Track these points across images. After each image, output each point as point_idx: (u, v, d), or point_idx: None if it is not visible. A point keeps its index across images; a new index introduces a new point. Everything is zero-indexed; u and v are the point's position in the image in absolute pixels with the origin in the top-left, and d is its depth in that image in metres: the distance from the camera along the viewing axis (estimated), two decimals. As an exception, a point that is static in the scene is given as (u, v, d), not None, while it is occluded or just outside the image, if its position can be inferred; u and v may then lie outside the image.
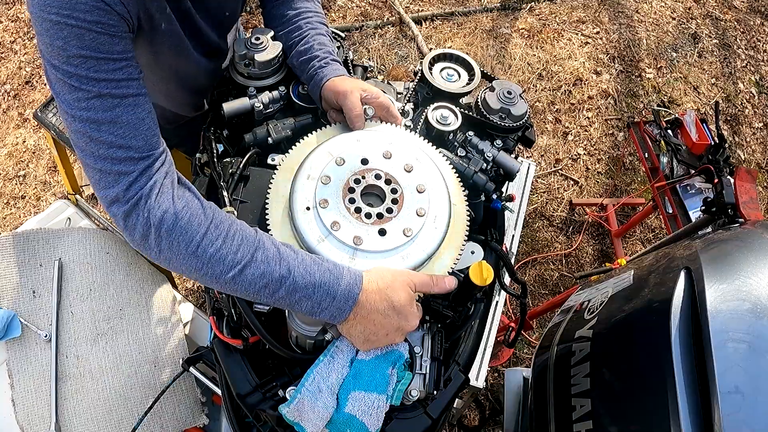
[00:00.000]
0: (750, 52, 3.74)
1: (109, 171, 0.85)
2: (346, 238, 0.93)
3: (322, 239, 0.93)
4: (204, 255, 0.85)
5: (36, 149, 3.22)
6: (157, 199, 0.85)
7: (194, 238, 0.85)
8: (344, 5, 3.83)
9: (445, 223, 0.99)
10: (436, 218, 0.98)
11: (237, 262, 0.85)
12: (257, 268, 0.86)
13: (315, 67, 1.17)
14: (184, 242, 0.85)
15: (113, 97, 0.85)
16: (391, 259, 0.94)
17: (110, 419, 1.35)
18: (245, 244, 0.87)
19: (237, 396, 0.99)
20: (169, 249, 0.85)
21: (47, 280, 1.45)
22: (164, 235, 0.84)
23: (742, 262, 0.97)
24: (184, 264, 0.86)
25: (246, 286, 0.86)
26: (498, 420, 2.31)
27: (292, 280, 0.86)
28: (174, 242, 0.85)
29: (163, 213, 0.84)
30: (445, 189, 1.02)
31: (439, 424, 0.99)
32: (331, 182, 0.98)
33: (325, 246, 0.93)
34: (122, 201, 0.85)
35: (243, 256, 0.86)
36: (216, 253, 0.85)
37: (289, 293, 0.86)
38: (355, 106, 1.07)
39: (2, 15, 3.85)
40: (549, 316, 2.59)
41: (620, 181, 3.14)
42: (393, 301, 0.88)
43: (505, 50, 3.59)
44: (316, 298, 0.86)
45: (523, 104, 1.23)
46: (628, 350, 0.99)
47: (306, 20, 1.26)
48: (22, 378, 1.36)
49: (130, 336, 1.42)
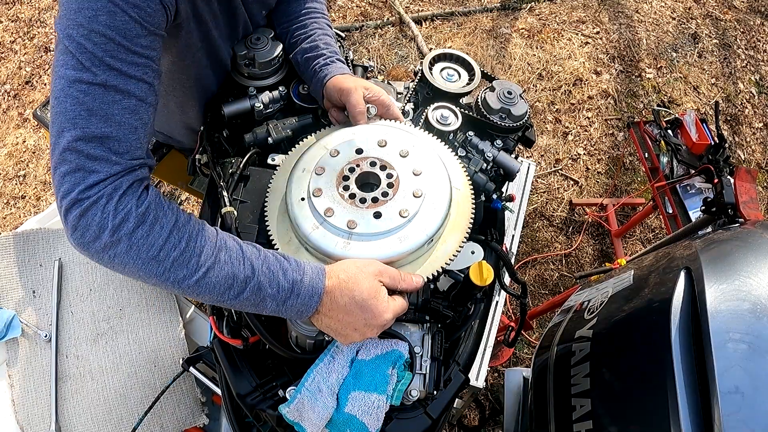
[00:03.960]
0: (750, 52, 3.74)
1: (79, 166, 0.79)
2: (340, 223, 0.92)
3: (317, 227, 0.92)
4: (167, 259, 0.80)
5: (36, 149, 3.22)
6: (120, 200, 0.80)
7: (156, 241, 0.80)
8: (344, 5, 3.83)
9: (445, 203, 0.96)
10: (436, 199, 0.96)
11: (201, 264, 0.81)
12: (221, 270, 0.82)
13: (320, 65, 1.18)
14: (146, 246, 0.79)
15: (117, 92, 0.81)
16: (388, 241, 0.92)
17: (110, 419, 1.35)
18: (208, 246, 0.83)
19: (237, 396, 0.99)
20: (126, 252, 0.79)
21: (47, 280, 1.45)
22: (123, 238, 0.79)
23: (742, 262, 0.97)
24: (143, 269, 0.80)
25: (210, 289, 0.82)
26: (498, 420, 2.31)
27: (257, 280, 0.83)
28: (134, 246, 0.79)
29: (125, 215, 0.79)
30: (444, 171, 1.00)
31: (439, 424, 0.99)
32: (325, 173, 0.98)
33: (319, 233, 0.92)
34: (82, 200, 0.78)
35: (207, 258, 0.82)
36: (180, 257, 0.81)
37: (254, 293, 0.83)
38: (358, 103, 1.07)
39: (2, 15, 3.85)
40: (549, 316, 2.58)
41: (620, 181, 3.14)
42: (355, 295, 0.85)
43: (505, 50, 3.59)
44: (281, 297, 0.84)
45: (523, 104, 1.23)
46: (628, 350, 0.98)
47: (313, 19, 1.27)
48: (22, 378, 1.36)
49: (130, 336, 1.42)
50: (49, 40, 3.68)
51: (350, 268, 0.87)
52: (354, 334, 0.87)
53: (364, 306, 0.85)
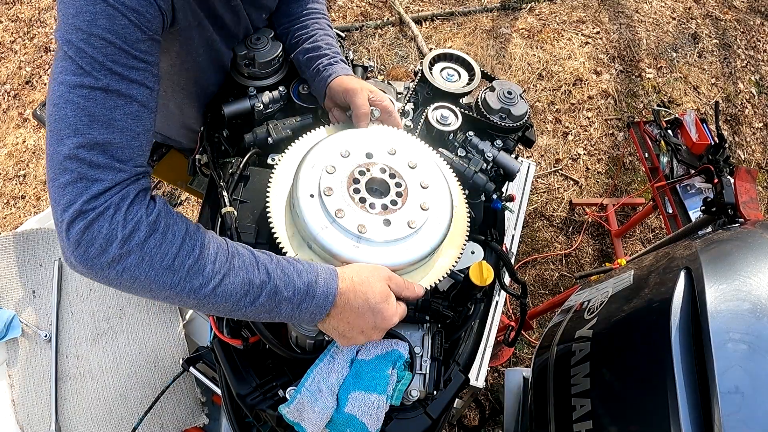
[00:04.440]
0: (750, 52, 3.74)
1: (82, 175, 0.75)
2: (351, 225, 0.92)
3: (326, 226, 0.92)
4: (182, 268, 0.77)
5: (36, 149, 3.22)
6: (129, 209, 0.76)
7: (170, 250, 0.76)
8: (344, 5, 3.83)
9: (447, 219, 0.99)
10: (440, 214, 0.98)
11: (216, 272, 0.78)
12: (237, 276, 0.79)
13: (323, 64, 1.18)
14: (159, 255, 0.76)
15: (119, 96, 0.79)
16: (395, 250, 0.93)
17: (110, 419, 1.35)
18: (221, 252, 0.80)
19: (237, 396, 0.99)
20: (137, 265, 0.75)
21: (47, 280, 1.45)
22: (135, 249, 0.74)
23: (742, 262, 0.97)
24: (156, 280, 0.76)
25: (227, 297, 0.79)
26: (498, 420, 2.31)
27: (273, 284, 0.81)
28: (146, 256, 0.75)
29: (135, 224, 0.75)
30: (447, 188, 1.02)
31: (439, 424, 0.99)
32: (336, 172, 0.97)
33: (329, 233, 0.91)
34: (87, 211, 0.74)
35: (221, 265, 0.79)
36: (194, 264, 0.77)
37: (270, 298, 0.81)
38: (363, 104, 1.07)
39: (2, 15, 3.85)
40: (549, 316, 2.59)
41: (620, 181, 3.14)
42: (369, 298, 0.84)
43: (505, 50, 3.59)
44: (297, 300, 0.82)
45: (523, 104, 1.23)
46: (628, 350, 0.98)
47: (314, 20, 1.27)
48: (22, 378, 1.36)
49: (130, 336, 1.42)
50: (49, 40, 3.68)
51: (363, 271, 0.87)
52: (359, 336, 0.87)
53: (375, 309, 0.85)
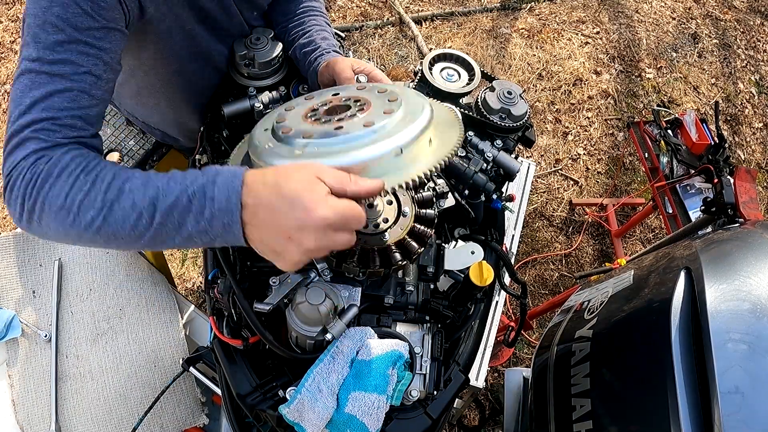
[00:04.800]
0: (750, 52, 3.74)
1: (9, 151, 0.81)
2: (296, 136, 0.81)
3: (271, 144, 0.83)
4: (73, 204, 0.77)
5: (36, 149, 3.21)
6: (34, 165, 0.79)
7: (63, 190, 0.77)
8: (344, 5, 3.83)
9: (423, 120, 0.82)
10: (409, 114, 0.82)
11: (106, 201, 0.76)
12: (127, 200, 0.75)
13: (315, 56, 1.19)
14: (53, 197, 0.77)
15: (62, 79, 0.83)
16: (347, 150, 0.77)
17: (110, 419, 1.35)
18: (116, 181, 0.77)
19: (237, 396, 0.99)
20: (42, 212, 0.78)
21: (47, 280, 1.46)
22: (37, 198, 0.78)
23: (742, 262, 0.97)
24: (59, 223, 0.78)
25: (121, 224, 0.76)
26: (498, 420, 2.31)
27: (164, 197, 0.74)
28: (46, 202, 0.78)
29: (34, 174, 0.78)
30: (426, 103, 0.87)
31: (439, 424, 0.99)
32: (295, 109, 0.92)
33: (271, 149, 0.82)
34: (8, 179, 0.79)
35: (112, 193, 0.77)
36: (85, 198, 0.77)
37: (167, 213, 0.74)
38: (344, 70, 1.07)
39: (2, 15, 3.85)
40: (549, 316, 2.59)
41: (620, 181, 3.14)
42: (282, 188, 0.70)
43: (505, 50, 3.59)
44: (196, 208, 0.73)
45: (523, 104, 1.23)
46: (628, 350, 0.98)
47: (311, 17, 1.28)
48: (22, 378, 1.36)
49: (130, 336, 1.42)
50: (49, 40, 3.67)
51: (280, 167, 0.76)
52: (289, 245, 0.71)
53: (292, 199, 0.69)
